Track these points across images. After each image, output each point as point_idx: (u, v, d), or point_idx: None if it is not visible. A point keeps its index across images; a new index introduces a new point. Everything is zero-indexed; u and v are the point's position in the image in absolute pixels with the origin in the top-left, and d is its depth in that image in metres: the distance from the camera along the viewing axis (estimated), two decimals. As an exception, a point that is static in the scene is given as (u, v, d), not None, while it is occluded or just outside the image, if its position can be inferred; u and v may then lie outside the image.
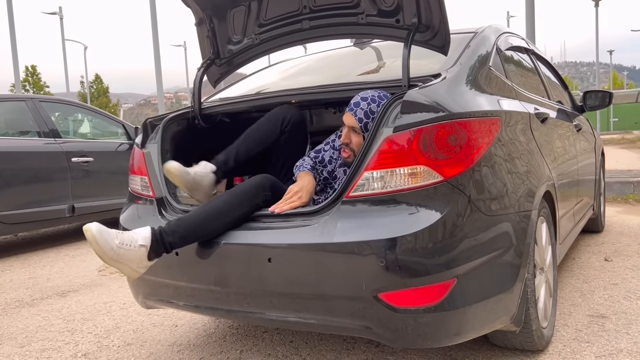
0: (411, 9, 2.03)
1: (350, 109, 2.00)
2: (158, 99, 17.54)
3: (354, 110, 1.99)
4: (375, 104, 1.97)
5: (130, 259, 1.74)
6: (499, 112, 1.97)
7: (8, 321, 2.96)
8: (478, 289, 1.71)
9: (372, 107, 1.97)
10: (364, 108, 1.97)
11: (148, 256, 1.76)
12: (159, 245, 1.78)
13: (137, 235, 1.76)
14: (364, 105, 1.97)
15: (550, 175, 2.32)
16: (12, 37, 15.62)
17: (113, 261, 1.73)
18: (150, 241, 1.76)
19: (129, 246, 1.72)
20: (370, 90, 2.01)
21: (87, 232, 1.68)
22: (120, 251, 1.71)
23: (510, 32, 2.82)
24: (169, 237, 1.79)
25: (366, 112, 1.96)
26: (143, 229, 1.79)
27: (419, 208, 1.63)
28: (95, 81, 45.25)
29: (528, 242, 1.93)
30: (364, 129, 1.98)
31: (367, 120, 1.97)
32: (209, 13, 2.39)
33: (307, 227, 1.73)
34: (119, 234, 1.74)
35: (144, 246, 1.75)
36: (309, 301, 1.72)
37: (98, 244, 1.68)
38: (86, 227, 1.68)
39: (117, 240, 1.71)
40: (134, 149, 2.36)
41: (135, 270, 1.78)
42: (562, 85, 3.87)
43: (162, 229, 1.80)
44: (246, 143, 2.26)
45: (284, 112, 2.29)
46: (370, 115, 1.96)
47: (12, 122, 5.05)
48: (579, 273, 3.25)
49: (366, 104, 1.97)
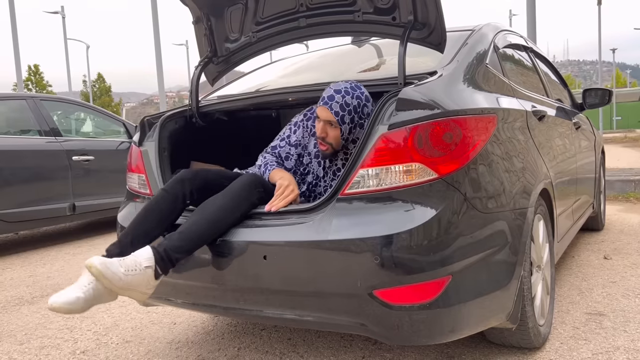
0: (407, 7, 2.03)
1: (324, 103, 1.98)
2: (160, 98, 17.54)
3: (329, 104, 1.97)
4: (349, 95, 1.97)
5: (139, 283, 1.70)
6: (496, 109, 1.96)
7: (8, 318, 2.97)
8: (473, 286, 1.71)
9: (347, 100, 1.96)
10: (339, 101, 1.96)
11: (155, 276, 1.73)
12: (165, 263, 1.74)
13: (139, 258, 1.72)
14: (338, 99, 1.96)
15: (547, 173, 2.32)
16: (14, 37, 15.64)
17: (123, 290, 1.69)
18: (155, 260, 1.72)
19: (134, 271, 1.68)
20: (341, 82, 2.01)
21: (92, 269, 1.63)
22: (127, 279, 1.67)
23: (509, 30, 2.82)
24: (175, 254, 1.75)
25: (341, 104, 1.96)
26: (143, 250, 1.74)
27: (414, 205, 1.63)
28: (97, 80, 45.28)
29: (524, 239, 1.93)
30: (340, 122, 1.98)
31: (343, 113, 1.97)
32: (206, 11, 2.40)
33: (302, 225, 1.73)
34: (120, 261, 1.69)
35: (149, 267, 1.71)
36: (305, 298, 1.72)
37: (106, 277, 1.63)
38: (89, 264, 1.63)
39: (122, 268, 1.66)
40: (132, 147, 2.36)
41: (144, 293, 1.75)
42: (561, 83, 3.87)
43: (166, 247, 1.74)
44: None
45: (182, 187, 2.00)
46: (345, 107, 1.96)
47: (13, 121, 5.06)
48: (578, 271, 3.25)
49: (340, 96, 1.96)
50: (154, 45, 12.72)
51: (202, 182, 2.01)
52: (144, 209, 1.92)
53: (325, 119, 2.00)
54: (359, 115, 2.00)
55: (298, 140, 2.24)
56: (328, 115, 1.98)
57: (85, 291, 1.68)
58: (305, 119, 2.26)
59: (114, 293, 1.74)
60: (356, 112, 1.99)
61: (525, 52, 3.06)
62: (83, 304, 1.67)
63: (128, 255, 1.72)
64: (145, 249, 1.74)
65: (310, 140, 2.22)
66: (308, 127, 2.23)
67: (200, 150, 2.58)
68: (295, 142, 2.23)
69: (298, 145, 2.24)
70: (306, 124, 2.24)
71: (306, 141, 2.23)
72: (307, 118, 2.25)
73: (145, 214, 1.90)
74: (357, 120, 2.01)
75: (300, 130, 2.25)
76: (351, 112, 1.98)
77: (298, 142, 2.24)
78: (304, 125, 2.25)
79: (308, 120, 2.25)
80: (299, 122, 2.26)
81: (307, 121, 2.25)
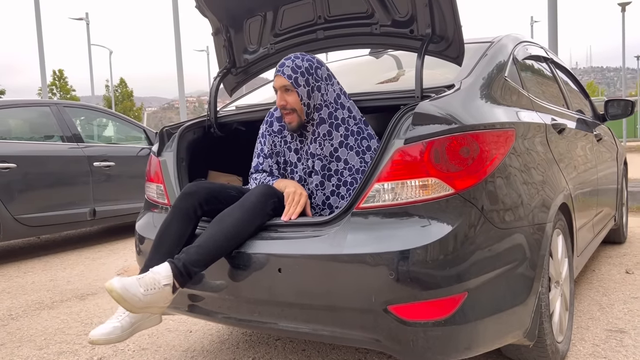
0: (425, 20, 2.02)
1: (276, 71, 2.04)
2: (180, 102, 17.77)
3: (280, 70, 2.02)
4: (298, 59, 2.03)
5: (158, 300, 1.73)
6: (514, 123, 1.95)
7: (28, 323, 3.02)
8: (490, 302, 1.69)
9: (297, 62, 2.02)
10: (289, 65, 2.01)
11: (172, 291, 1.76)
12: (183, 277, 1.76)
13: (157, 275, 1.73)
14: (288, 63, 2.01)
15: (567, 186, 2.29)
16: (40, 42, 15.98)
17: (142, 309, 1.72)
18: (173, 276, 1.74)
19: (153, 289, 1.70)
20: (292, 54, 2.07)
21: (113, 293, 1.65)
22: (147, 298, 1.69)
23: (529, 41, 2.79)
24: (193, 268, 1.77)
25: (292, 67, 2.01)
26: (161, 266, 1.76)
27: (430, 220, 1.62)
28: (120, 85, 46.01)
29: (542, 254, 1.90)
30: (295, 84, 2.00)
31: (296, 75, 2.00)
32: (225, 23, 2.43)
33: (317, 238, 1.73)
34: (139, 279, 1.71)
35: (168, 285, 1.73)
36: (319, 312, 1.72)
37: (126, 300, 1.66)
38: (109, 288, 1.65)
39: (141, 288, 1.68)
40: (151, 157, 2.40)
41: (162, 308, 1.78)
42: (582, 94, 3.81)
43: (185, 262, 1.76)
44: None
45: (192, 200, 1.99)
46: (297, 69, 2.00)
47: (37, 127, 5.17)
48: (599, 285, 3.19)
49: (290, 61, 2.02)
50: (174, 51, 12.90)
51: (208, 193, 2.01)
52: (160, 231, 1.95)
53: (280, 85, 2.03)
54: (314, 78, 2.02)
55: (270, 150, 2.19)
56: (282, 81, 2.02)
57: (121, 319, 1.81)
58: (268, 125, 2.21)
59: (158, 317, 1.88)
60: (309, 74, 2.02)
61: (545, 63, 3.03)
62: (121, 332, 1.79)
63: (146, 272, 1.74)
64: (163, 265, 1.76)
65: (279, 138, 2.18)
66: (273, 130, 2.18)
67: (217, 160, 2.61)
68: (269, 153, 2.19)
69: (272, 154, 2.19)
70: (270, 130, 2.19)
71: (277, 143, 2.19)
72: (269, 123, 2.20)
73: (162, 236, 1.93)
74: (313, 83, 2.02)
75: (268, 138, 2.19)
76: (304, 73, 2.01)
77: (271, 151, 2.19)
78: (269, 132, 2.20)
79: (270, 125, 2.20)
80: (264, 132, 2.22)
81: (269, 127, 2.20)
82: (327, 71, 2.08)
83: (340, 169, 2.05)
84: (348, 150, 2.04)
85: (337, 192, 2.06)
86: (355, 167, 2.04)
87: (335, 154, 2.04)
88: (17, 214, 4.53)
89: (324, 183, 2.07)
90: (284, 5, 2.32)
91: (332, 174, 2.05)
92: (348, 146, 2.04)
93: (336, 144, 2.04)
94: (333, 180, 2.06)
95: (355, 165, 2.04)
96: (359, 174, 2.03)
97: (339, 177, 2.05)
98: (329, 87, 2.06)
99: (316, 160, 2.07)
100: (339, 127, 2.04)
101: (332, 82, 2.08)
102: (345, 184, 2.05)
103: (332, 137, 2.04)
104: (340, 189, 2.06)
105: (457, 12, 1.92)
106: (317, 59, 2.08)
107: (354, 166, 2.04)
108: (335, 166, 2.05)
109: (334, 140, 2.04)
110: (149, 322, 1.91)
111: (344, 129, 2.04)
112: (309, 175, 2.11)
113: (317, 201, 2.08)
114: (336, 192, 2.06)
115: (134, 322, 1.84)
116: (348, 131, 2.04)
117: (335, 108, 2.05)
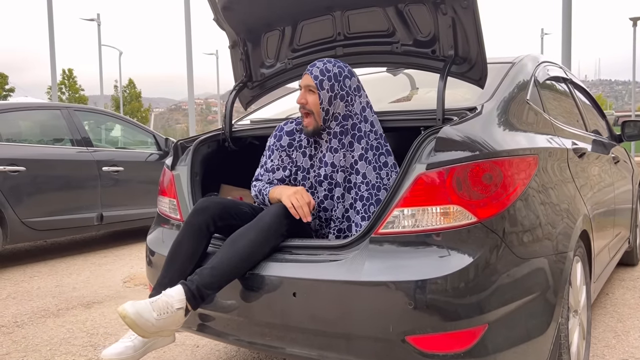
0: (448, 41, 1.99)
1: (306, 70, 2.03)
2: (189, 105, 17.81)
3: (309, 70, 2.01)
4: (330, 64, 2.02)
5: (170, 324, 1.70)
6: (536, 149, 1.90)
7: (34, 331, 2.99)
8: (510, 334, 1.64)
9: (328, 66, 2.01)
10: (319, 67, 2.00)
11: (185, 314, 1.73)
12: (196, 300, 1.73)
13: (170, 299, 1.71)
14: (319, 65, 2.01)
15: (587, 213, 2.24)
16: (51, 42, 16.07)
17: (154, 334, 1.70)
18: (186, 299, 1.72)
19: (166, 314, 1.68)
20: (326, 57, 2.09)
21: (126, 319, 1.63)
22: (160, 323, 1.67)
23: (548, 61, 2.75)
24: (206, 290, 1.74)
25: (322, 70, 1.99)
26: (174, 290, 1.73)
27: (451, 250, 1.58)
28: (128, 85, 46.20)
29: (563, 284, 1.85)
30: (319, 86, 1.97)
31: (322, 77, 1.98)
32: (243, 37, 2.40)
33: (333, 263, 1.69)
34: (152, 303, 1.68)
35: (181, 308, 1.71)
36: (333, 339, 1.67)
37: (139, 326, 1.64)
38: (122, 313, 1.63)
39: (154, 312, 1.66)
40: (164, 170, 2.37)
41: (173, 330, 1.76)
42: (599, 114, 3.76)
43: (198, 285, 1.73)
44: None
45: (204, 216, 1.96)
46: (325, 73, 1.99)
47: (47, 130, 5.16)
48: (613, 311, 3.13)
49: (322, 64, 2.01)
50: (185, 54, 12.94)
51: (221, 209, 1.98)
52: (173, 249, 1.92)
53: (305, 84, 2.01)
54: (340, 86, 1.99)
55: (276, 165, 2.13)
56: (308, 80, 2.00)
57: (134, 339, 1.81)
58: (276, 140, 2.14)
59: (171, 336, 1.87)
60: (336, 80, 1.99)
61: (564, 84, 2.99)
62: (133, 352, 1.79)
63: (160, 295, 1.71)
64: (177, 288, 1.73)
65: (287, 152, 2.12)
66: (281, 145, 2.12)
67: (230, 174, 2.57)
68: (271, 167, 2.13)
69: (275, 169, 2.13)
70: (277, 144, 2.13)
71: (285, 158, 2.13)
72: (277, 137, 2.14)
73: (174, 253, 1.90)
74: (338, 90, 1.99)
75: (276, 153, 2.12)
76: (331, 78, 1.98)
77: (275, 166, 2.13)
78: (276, 147, 2.13)
79: (279, 140, 2.13)
80: (271, 145, 2.15)
81: (278, 140, 2.13)
82: (357, 82, 2.05)
83: (359, 183, 2.01)
84: (367, 164, 2.00)
85: (354, 205, 2.01)
86: (372, 182, 2.00)
87: (355, 166, 2.01)
88: (25, 218, 4.50)
89: (344, 195, 2.03)
90: (303, 20, 2.29)
91: (352, 187, 2.02)
92: (367, 160, 2.00)
93: (357, 157, 2.01)
94: (352, 193, 2.02)
95: (372, 180, 2.00)
96: (374, 189, 1.99)
97: (356, 191, 2.01)
98: (356, 99, 2.02)
99: (339, 172, 2.02)
100: (361, 140, 2.01)
101: (360, 93, 2.04)
102: (362, 198, 2.00)
103: (353, 148, 2.01)
104: (356, 203, 2.01)
105: (481, 34, 1.89)
106: (350, 68, 2.06)
107: (371, 181, 2.00)
108: (355, 179, 2.01)
109: (355, 152, 2.01)
110: (161, 341, 1.88)
111: (365, 142, 2.01)
112: (319, 184, 2.06)
113: (338, 214, 2.04)
114: (353, 205, 2.02)
115: (147, 342, 1.82)
116: (368, 145, 2.01)
117: (359, 120, 2.02)
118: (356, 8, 2.16)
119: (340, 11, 2.19)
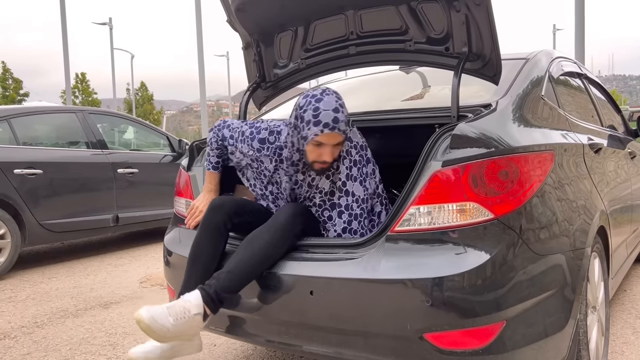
0: (461, 38, 1.99)
1: (331, 129, 1.80)
2: (201, 107, 17.94)
3: (335, 128, 1.80)
4: (343, 107, 1.84)
5: (187, 329, 1.71)
6: (552, 145, 1.89)
7: (53, 332, 3.04)
8: (528, 331, 1.63)
9: (345, 111, 1.84)
10: (342, 120, 1.82)
11: (203, 318, 1.73)
12: (215, 304, 1.74)
13: (187, 304, 1.71)
14: (341, 117, 1.81)
15: (604, 208, 2.22)
16: (65, 47, 16.26)
17: (172, 340, 1.71)
18: (204, 303, 1.72)
19: (183, 319, 1.68)
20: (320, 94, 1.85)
21: (141, 324, 1.64)
22: (176, 329, 1.67)
23: (562, 57, 2.73)
24: (224, 294, 1.75)
25: (344, 120, 1.82)
26: (192, 294, 1.74)
27: (467, 247, 1.58)
28: (140, 88, 46.53)
29: (581, 280, 1.84)
30: (345, 135, 1.86)
31: (346, 127, 1.84)
32: (256, 37, 2.41)
33: (350, 261, 1.70)
34: (169, 308, 1.69)
35: (199, 314, 1.71)
36: (351, 337, 1.68)
37: (154, 331, 1.64)
38: (137, 318, 1.64)
39: (170, 318, 1.66)
40: (180, 171, 2.39)
41: (191, 336, 1.77)
42: (615, 109, 3.73)
43: (217, 289, 1.74)
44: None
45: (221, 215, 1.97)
46: (340, 118, 1.81)
47: (62, 133, 5.23)
48: (631, 307, 3.10)
49: (341, 114, 1.82)
50: (197, 57, 13.03)
51: (236, 205, 1.99)
52: (193, 252, 1.94)
53: (335, 142, 1.85)
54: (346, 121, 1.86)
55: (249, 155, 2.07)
56: (337, 138, 1.84)
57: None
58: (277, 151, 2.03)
59: (199, 344, 1.88)
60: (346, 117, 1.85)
61: (579, 79, 2.96)
62: (160, 353, 1.79)
63: (177, 300, 1.73)
64: (194, 293, 1.74)
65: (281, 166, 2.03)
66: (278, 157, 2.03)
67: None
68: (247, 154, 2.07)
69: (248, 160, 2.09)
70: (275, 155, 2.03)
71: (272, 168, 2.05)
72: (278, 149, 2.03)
73: (195, 256, 1.92)
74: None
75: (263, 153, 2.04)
76: (344, 119, 1.84)
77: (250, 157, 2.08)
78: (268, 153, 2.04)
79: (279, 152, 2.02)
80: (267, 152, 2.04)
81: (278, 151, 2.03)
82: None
83: (350, 203, 1.94)
84: (353, 181, 1.94)
85: (350, 228, 1.94)
86: (360, 197, 1.94)
87: (343, 188, 1.94)
88: (42, 220, 4.57)
89: (333, 217, 1.96)
90: (315, 20, 2.30)
91: (343, 210, 1.95)
92: (352, 177, 1.94)
93: (344, 178, 1.94)
94: (344, 217, 1.94)
95: (360, 196, 1.94)
96: (364, 203, 1.95)
97: (349, 213, 1.94)
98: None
99: (327, 196, 1.96)
100: (344, 160, 1.95)
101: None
102: (356, 217, 1.94)
103: (339, 170, 1.94)
104: (352, 224, 1.94)
105: (495, 31, 1.88)
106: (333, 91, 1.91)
107: (360, 197, 1.94)
108: (345, 201, 1.95)
109: (342, 174, 1.94)
110: (189, 347, 1.87)
111: (348, 160, 1.95)
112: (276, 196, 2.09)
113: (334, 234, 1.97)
114: (348, 228, 1.94)
115: (174, 345, 1.82)
116: (351, 162, 1.95)
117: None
118: (369, 7, 2.16)
119: (352, 10, 2.19)
